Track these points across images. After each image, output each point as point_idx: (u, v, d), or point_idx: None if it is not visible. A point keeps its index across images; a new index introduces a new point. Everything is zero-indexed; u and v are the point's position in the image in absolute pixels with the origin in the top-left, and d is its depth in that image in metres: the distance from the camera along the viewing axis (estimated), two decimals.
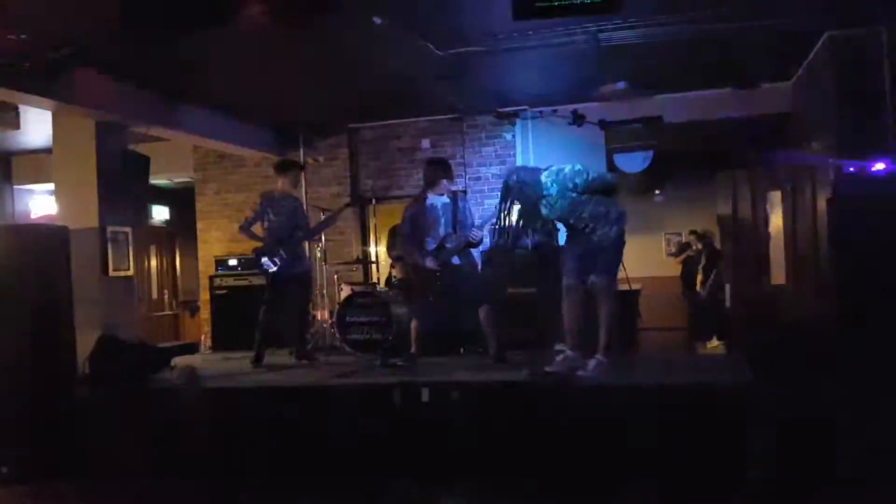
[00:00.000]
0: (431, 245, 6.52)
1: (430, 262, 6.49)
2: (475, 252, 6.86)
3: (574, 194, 5.71)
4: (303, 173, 7.65)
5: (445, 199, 6.60)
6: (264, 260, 7.19)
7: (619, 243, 5.76)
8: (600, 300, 5.77)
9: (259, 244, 7.27)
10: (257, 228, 7.33)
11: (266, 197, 7.44)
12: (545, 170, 5.83)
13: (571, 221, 5.86)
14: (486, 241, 6.61)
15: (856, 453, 4.66)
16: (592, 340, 5.79)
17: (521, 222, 5.78)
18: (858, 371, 5.17)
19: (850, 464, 4.62)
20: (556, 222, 6.19)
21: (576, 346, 5.81)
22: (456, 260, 6.54)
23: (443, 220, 6.56)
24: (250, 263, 8.24)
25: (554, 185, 5.69)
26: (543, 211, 5.78)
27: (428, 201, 6.60)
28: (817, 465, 4.63)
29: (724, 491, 4.63)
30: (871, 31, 6.82)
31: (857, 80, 6.90)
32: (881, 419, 4.79)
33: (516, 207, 5.73)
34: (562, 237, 6.59)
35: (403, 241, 6.82)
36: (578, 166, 5.78)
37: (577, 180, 5.69)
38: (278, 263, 7.15)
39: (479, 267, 7.23)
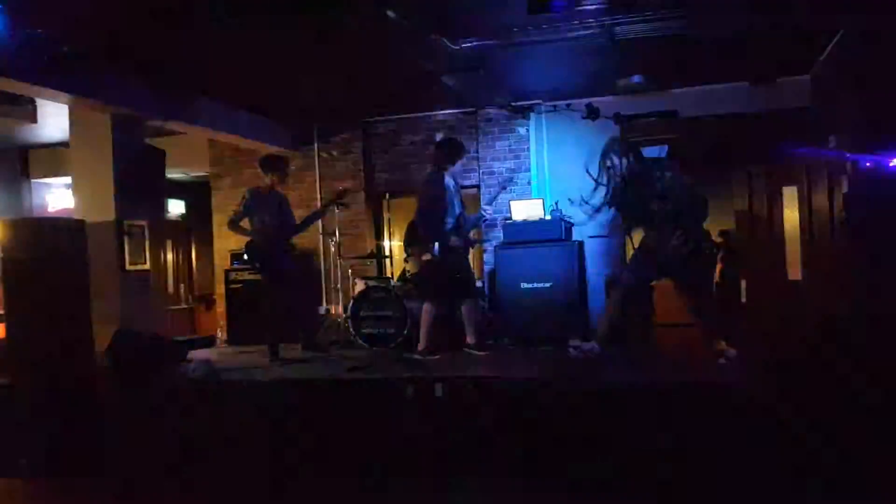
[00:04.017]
0: (451, 225, 6.63)
1: (455, 241, 6.66)
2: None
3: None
4: (287, 169, 7.89)
5: (453, 180, 6.82)
6: (256, 265, 7.52)
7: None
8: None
9: (248, 238, 7.42)
10: (245, 223, 7.45)
11: (252, 193, 7.51)
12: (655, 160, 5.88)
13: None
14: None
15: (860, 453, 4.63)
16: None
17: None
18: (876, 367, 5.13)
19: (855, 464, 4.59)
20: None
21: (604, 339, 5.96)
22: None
23: (455, 201, 6.73)
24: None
25: (659, 181, 5.72)
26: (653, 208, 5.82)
27: (446, 181, 6.72)
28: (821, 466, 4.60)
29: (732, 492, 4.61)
30: (889, 25, 6.75)
31: (875, 74, 6.84)
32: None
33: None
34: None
35: (425, 220, 6.86)
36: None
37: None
38: (268, 264, 7.38)
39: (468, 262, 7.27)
